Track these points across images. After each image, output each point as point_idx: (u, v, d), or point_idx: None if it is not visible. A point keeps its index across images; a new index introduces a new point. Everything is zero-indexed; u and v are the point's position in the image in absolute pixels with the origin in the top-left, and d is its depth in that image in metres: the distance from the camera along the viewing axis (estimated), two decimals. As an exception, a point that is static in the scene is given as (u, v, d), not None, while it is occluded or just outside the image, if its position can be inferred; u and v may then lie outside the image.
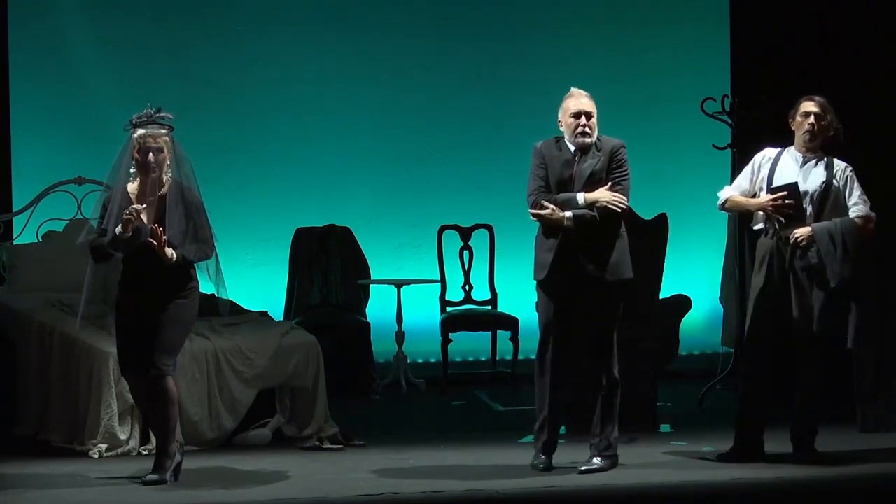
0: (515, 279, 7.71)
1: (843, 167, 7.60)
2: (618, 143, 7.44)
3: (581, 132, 7.37)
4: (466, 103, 11.52)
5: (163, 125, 7.14)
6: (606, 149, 7.40)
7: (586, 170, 7.36)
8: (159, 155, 7.10)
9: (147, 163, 7.09)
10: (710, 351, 11.22)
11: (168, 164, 7.14)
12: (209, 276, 7.24)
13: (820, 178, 7.56)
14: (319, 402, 8.47)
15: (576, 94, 7.45)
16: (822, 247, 7.41)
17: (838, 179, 7.57)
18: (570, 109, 7.40)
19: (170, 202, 7.09)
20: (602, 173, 7.37)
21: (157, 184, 7.12)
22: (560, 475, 7.29)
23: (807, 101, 7.64)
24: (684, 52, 11.73)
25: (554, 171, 7.41)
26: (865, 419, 8.47)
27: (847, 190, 7.58)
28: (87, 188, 10.01)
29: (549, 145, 7.49)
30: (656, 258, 9.06)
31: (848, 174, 7.59)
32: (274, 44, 11.30)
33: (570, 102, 7.43)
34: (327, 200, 11.30)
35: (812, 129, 7.58)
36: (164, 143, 7.12)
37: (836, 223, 7.48)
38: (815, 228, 7.47)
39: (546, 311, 7.41)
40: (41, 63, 10.91)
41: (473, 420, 9.51)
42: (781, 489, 7.10)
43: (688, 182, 11.31)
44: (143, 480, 7.13)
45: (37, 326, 8.67)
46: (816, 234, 7.45)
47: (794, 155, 7.65)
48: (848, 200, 7.57)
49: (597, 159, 7.37)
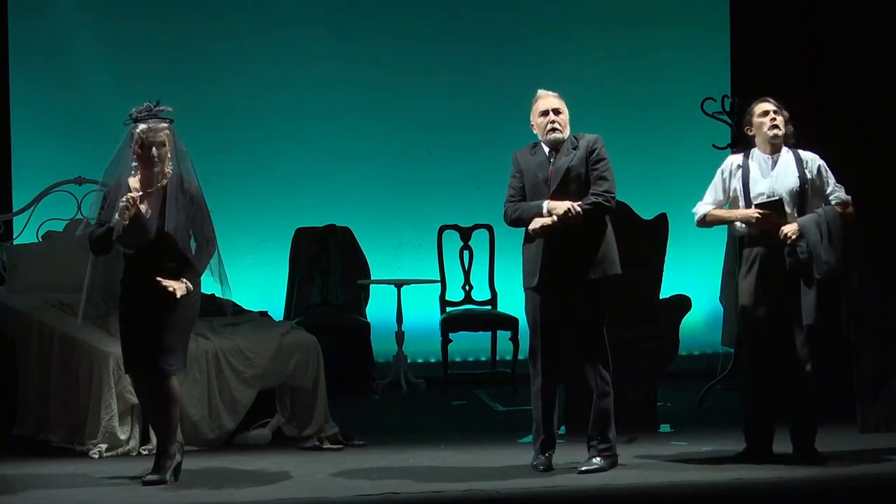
0: (515, 279, 7.69)
1: (811, 158, 7.62)
2: (593, 137, 7.45)
3: (551, 128, 7.40)
4: (467, 104, 11.52)
5: (163, 118, 7.15)
6: (583, 144, 7.41)
7: (562, 166, 7.37)
8: (161, 149, 7.10)
9: (149, 157, 7.08)
10: (710, 351, 11.22)
11: (169, 157, 7.14)
12: (212, 275, 7.24)
13: (793, 174, 7.57)
14: (319, 402, 8.47)
15: (543, 95, 7.52)
16: (809, 239, 7.44)
17: (811, 171, 7.59)
18: (539, 108, 7.46)
19: (170, 194, 7.08)
20: (580, 168, 7.37)
21: (158, 177, 7.12)
22: (560, 475, 7.30)
23: (760, 103, 7.70)
24: (684, 52, 11.73)
25: (529, 175, 7.45)
26: (865, 419, 8.47)
27: (821, 179, 7.60)
28: (87, 188, 10.01)
29: (524, 152, 7.55)
30: (656, 258, 9.07)
31: (819, 164, 7.61)
32: (274, 44, 11.30)
33: (539, 103, 7.49)
34: (327, 200, 11.30)
35: (776, 123, 7.60)
36: (165, 137, 7.11)
37: (819, 214, 7.51)
38: (801, 222, 7.48)
39: (535, 315, 7.43)
40: (41, 63, 10.91)
41: (473, 420, 9.51)
42: (781, 489, 7.09)
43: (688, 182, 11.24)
44: (143, 480, 7.13)
45: (37, 326, 8.67)
46: (803, 227, 7.47)
47: (761, 158, 7.65)
48: (825, 189, 7.59)
49: (572, 156, 7.38)
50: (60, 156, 10.73)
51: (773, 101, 7.68)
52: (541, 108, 7.46)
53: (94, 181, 9.95)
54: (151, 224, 7.05)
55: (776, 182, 7.57)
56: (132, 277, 7.13)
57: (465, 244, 11.20)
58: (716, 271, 10.32)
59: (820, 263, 7.42)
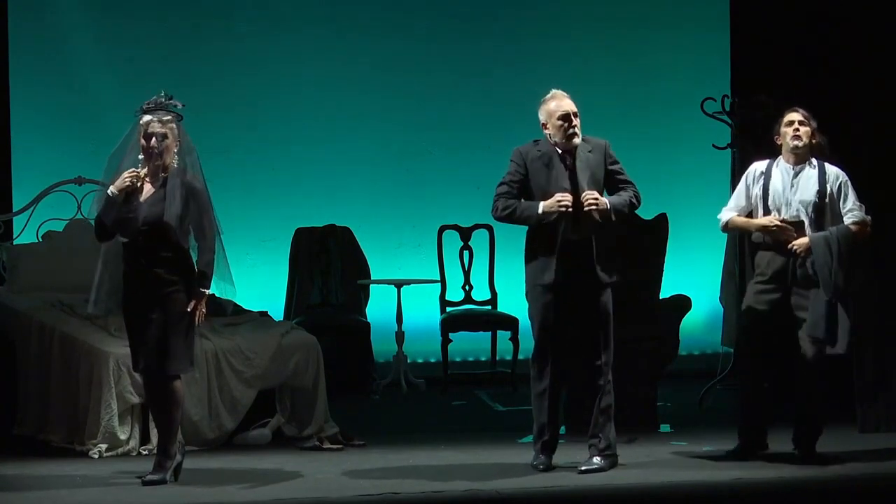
0: (515, 279, 7.69)
1: (835, 173, 7.58)
2: (605, 142, 7.44)
3: (571, 133, 7.34)
4: (466, 104, 11.52)
5: (170, 112, 7.15)
6: (597, 149, 7.39)
7: (587, 163, 7.33)
8: (163, 141, 7.10)
9: (150, 148, 7.09)
10: (710, 351, 11.23)
11: (175, 151, 7.14)
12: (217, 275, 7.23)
13: (814, 187, 7.54)
14: (319, 402, 8.47)
15: (558, 96, 7.41)
16: (817, 258, 7.41)
17: (832, 186, 7.56)
18: (557, 112, 7.35)
19: (170, 186, 7.09)
20: (600, 169, 7.36)
21: (159, 169, 7.13)
22: (560, 475, 7.30)
23: (789, 112, 7.67)
24: (684, 52, 11.73)
25: (538, 172, 7.38)
26: (865, 419, 8.47)
27: (841, 196, 7.55)
28: (87, 188, 10.01)
29: (529, 149, 7.45)
30: (656, 258, 9.07)
31: (841, 180, 7.57)
32: (274, 45, 11.30)
33: (555, 105, 7.38)
34: (327, 200, 11.30)
35: (798, 133, 7.58)
36: (170, 130, 7.12)
37: (832, 232, 7.47)
38: (812, 239, 7.47)
39: (544, 313, 7.40)
40: (41, 64, 10.90)
41: (473, 420, 9.51)
42: (781, 489, 7.10)
43: (688, 182, 11.31)
44: (144, 480, 7.14)
45: (37, 326, 8.66)
46: (813, 244, 7.45)
47: (784, 167, 7.63)
48: (842, 207, 7.56)
49: (589, 159, 7.36)
50: (60, 156, 10.73)
51: (801, 112, 7.62)
52: (559, 111, 7.34)
53: (94, 181, 9.96)
54: (146, 211, 7.04)
55: (794, 190, 7.55)
56: (130, 269, 7.10)
57: (465, 244, 11.20)
58: (716, 271, 10.33)
59: (828, 286, 7.40)
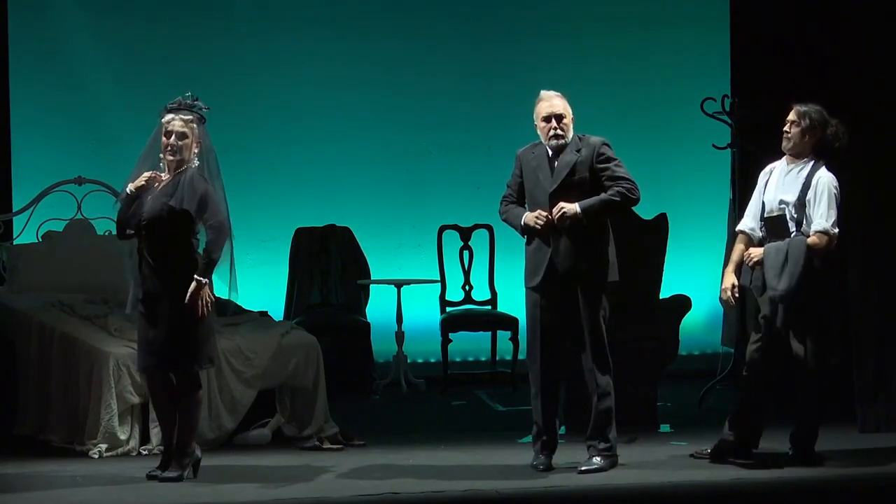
0: (515, 279, 7.69)
1: (821, 178, 7.43)
2: (599, 141, 7.42)
3: (553, 135, 7.38)
4: (466, 104, 11.52)
5: (192, 113, 7.19)
6: (587, 147, 7.39)
7: (566, 165, 7.35)
8: (182, 140, 7.15)
9: (167, 145, 7.16)
10: (710, 351, 11.23)
11: (195, 151, 7.20)
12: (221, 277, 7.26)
13: (797, 188, 7.47)
14: (319, 402, 8.47)
15: (546, 97, 7.45)
16: (766, 264, 7.40)
17: (812, 191, 7.43)
18: (542, 113, 7.41)
19: (180, 181, 7.14)
20: (584, 168, 7.35)
21: (178, 165, 7.18)
22: (560, 475, 7.30)
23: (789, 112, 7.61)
24: (684, 52, 11.72)
25: (530, 177, 7.44)
26: (865, 419, 8.47)
27: (815, 203, 7.41)
28: (87, 188, 10.02)
29: (526, 151, 7.53)
30: (656, 258, 9.07)
31: (820, 189, 7.40)
32: (274, 45, 11.30)
33: (542, 106, 7.43)
34: (327, 200, 11.30)
35: (786, 134, 7.56)
36: (190, 129, 7.18)
37: (786, 241, 7.41)
38: (766, 248, 7.45)
39: (535, 315, 7.42)
40: (41, 64, 10.90)
41: (473, 420, 9.52)
42: (781, 489, 7.10)
43: (688, 182, 11.31)
44: (161, 477, 7.17)
45: (37, 326, 8.67)
46: (766, 253, 7.44)
47: (783, 166, 7.62)
48: (813, 215, 7.42)
49: (575, 156, 7.37)
50: (60, 156, 10.73)
51: (796, 110, 7.54)
52: (543, 112, 7.41)
53: (94, 181, 9.98)
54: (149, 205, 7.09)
55: (781, 190, 7.51)
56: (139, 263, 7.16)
57: (465, 244, 11.20)
58: (716, 271, 10.30)
59: (769, 288, 7.40)
